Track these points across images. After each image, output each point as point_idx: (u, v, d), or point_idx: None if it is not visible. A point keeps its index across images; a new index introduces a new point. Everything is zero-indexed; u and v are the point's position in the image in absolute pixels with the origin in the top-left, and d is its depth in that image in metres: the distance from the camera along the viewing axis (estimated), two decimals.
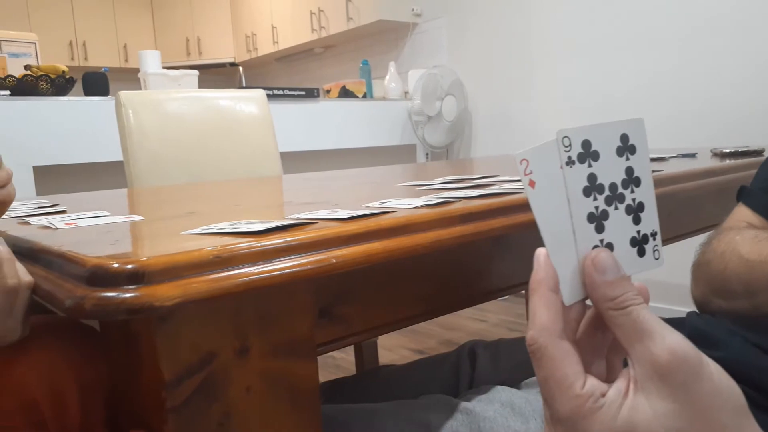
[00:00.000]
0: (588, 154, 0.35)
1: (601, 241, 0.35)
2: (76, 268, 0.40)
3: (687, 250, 0.78)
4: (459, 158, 3.33)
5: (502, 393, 0.60)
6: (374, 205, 0.60)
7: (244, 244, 0.42)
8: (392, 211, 0.54)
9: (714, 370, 0.30)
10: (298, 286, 0.47)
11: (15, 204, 0.88)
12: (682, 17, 2.34)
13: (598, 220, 0.35)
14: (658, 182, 0.78)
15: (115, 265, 0.38)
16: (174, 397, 0.41)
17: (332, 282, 0.51)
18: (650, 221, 0.38)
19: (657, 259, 0.38)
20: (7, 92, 2.14)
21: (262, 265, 0.42)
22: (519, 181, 0.78)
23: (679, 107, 2.37)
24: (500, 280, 0.65)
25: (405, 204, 0.59)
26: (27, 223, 0.65)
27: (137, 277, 0.38)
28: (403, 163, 3.22)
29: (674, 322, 0.34)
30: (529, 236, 0.63)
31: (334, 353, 2.24)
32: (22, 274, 0.44)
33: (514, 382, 0.64)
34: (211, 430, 0.43)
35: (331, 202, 0.68)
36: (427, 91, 3.05)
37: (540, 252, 0.34)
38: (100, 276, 0.38)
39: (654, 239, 0.38)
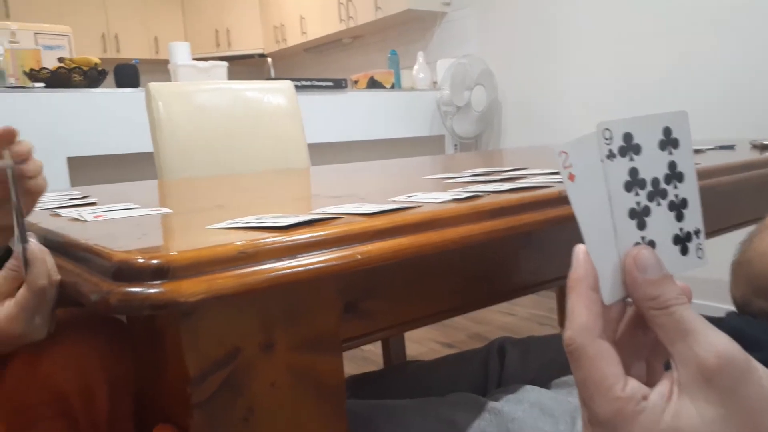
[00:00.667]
0: (629, 147, 0.34)
1: (643, 238, 0.34)
2: (103, 262, 0.40)
3: (725, 245, 0.75)
4: (488, 149, 3.29)
5: (531, 393, 0.58)
6: (401, 199, 0.59)
7: (269, 239, 0.42)
8: (419, 206, 0.54)
9: (763, 374, 0.29)
10: (323, 282, 0.46)
11: (48, 195, 0.90)
12: (719, 0, 2.27)
13: (639, 216, 0.34)
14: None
15: (141, 261, 0.38)
16: (199, 393, 0.41)
17: (358, 277, 0.50)
18: (694, 218, 0.36)
19: (701, 258, 0.37)
20: (42, 84, 2.18)
21: (287, 260, 0.42)
22: (550, 173, 0.77)
23: (716, 96, 2.30)
24: (530, 277, 0.64)
25: (432, 198, 0.58)
26: (58, 215, 0.66)
27: (162, 272, 0.38)
28: (431, 155, 3.20)
29: (712, 322, 0.32)
30: (561, 231, 0.62)
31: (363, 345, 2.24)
32: (52, 272, 0.44)
33: (544, 381, 0.63)
34: (236, 425, 0.43)
35: (357, 196, 0.67)
36: (456, 81, 3.02)
37: (579, 248, 0.33)
38: (126, 271, 0.38)
39: (698, 237, 0.36)
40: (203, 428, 0.42)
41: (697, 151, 1.07)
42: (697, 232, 0.36)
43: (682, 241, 0.36)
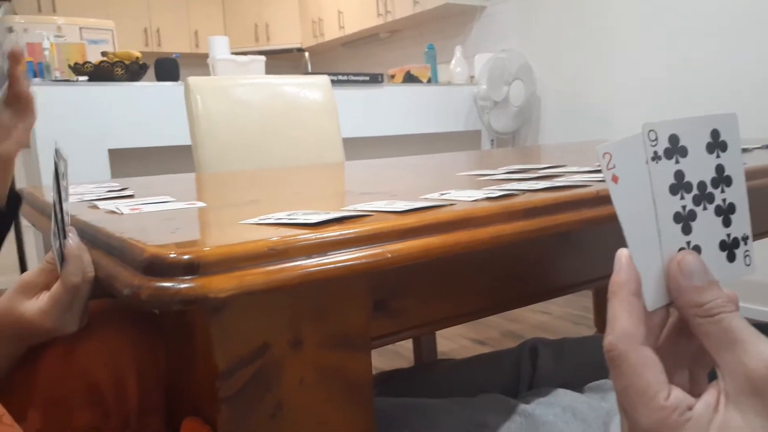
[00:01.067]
0: (675, 149, 0.33)
1: (688, 243, 0.33)
2: (135, 256, 0.40)
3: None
4: (526, 145, 3.25)
5: (563, 396, 0.57)
6: (433, 197, 0.58)
7: (300, 236, 0.42)
8: (451, 204, 0.53)
9: None
10: (352, 280, 0.46)
11: (88, 186, 0.92)
12: None
13: (685, 220, 0.33)
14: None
15: (172, 255, 0.38)
16: (227, 387, 0.41)
17: (389, 275, 0.50)
18: (742, 224, 0.35)
19: (748, 265, 0.35)
20: (86, 78, 2.24)
21: (317, 257, 0.42)
22: (588, 172, 0.75)
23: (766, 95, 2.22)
24: (565, 278, 0.62)
25: (465, 196, 0.57)
26: (96, 207, 0.67)
27: (193, 267, 0.38)
28: (466, 150, 3.17)
29: (760, 327, 0.31)
30: (599, 232, 0.60)
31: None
32: (87, 269, 0.45)
33: (577, 384, 0.62)
34: (264, 420, 0.43)
35: (389, 193, 0.67)
36: (494, 75, 2.99)
37: (622, 252, 0.32)
38: (157, 266, 0.38)
39: (745, 243, 0.35)
40: (230, 423, 0.42)
41: (743, 150, 1.03)
42: (745, 239, 0.35)
43: (729, 247, 0.34)
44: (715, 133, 0.34)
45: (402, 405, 0.59)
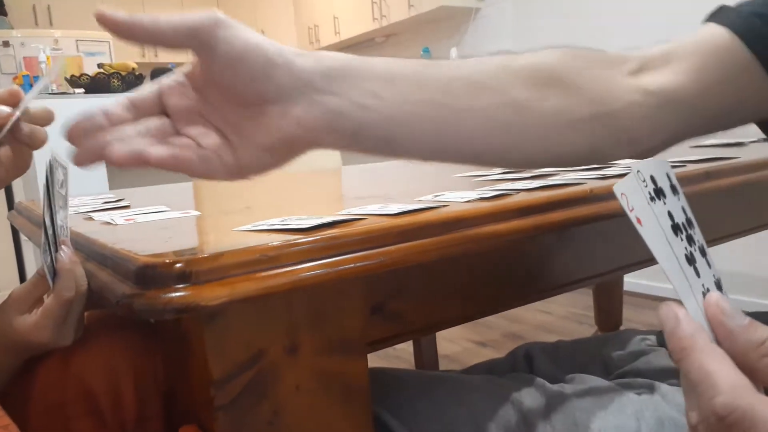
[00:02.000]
0: (658, 190, 0.31)
1: (703, 285, 0.30)
2: (127, 265, 0.40)
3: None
4: None
5: (597, 383, 0.56)
6: (427, 199, 0.58)
7: (292, 241, 0.42)
8: (444, 206, 0.53)
9: None
10: (347, 284, 0.46)
11: (84, 199, 0.92)
12: None
13: (692, 263, 0.31)
14: (733, 170, 0.73)
15: (164, 265, 0.38)
16: (223, 395, 0.41)
17: (384, 278, 0.50)
18: (714, 266, 0.33)
19: None
20: (82, 90, 2.24)
21: (310, 262, 0.41)
22: (583, 170, 0.75)
23: None
24: (563, 276, 0.62)
25: (459, 197, 0.57)
26: (91, 218, 0.67)
27: (185, 276, 0.38)
28: None
29: (762, 317, 0.29)
30: (594, 229, 0.60)
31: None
32: (80, 282, 0.45)
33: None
34: (261, 428, 0.43)
35: (384, 196, 0.67)
36: None
37: (669, 305, 0.29)
38: (149, 275, 0.38)
39: (722, 286, 0.33)
40: (227, 431, 0.42)
41: (738, 144, 1.03)
42: (719, 281, 0.33)
43: (719, 289, 0.32)
44: (669, 176, 0.32)
45: (428, 377, 0.59)
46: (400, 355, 2.17)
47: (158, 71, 2.54)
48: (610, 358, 0.66)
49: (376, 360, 0.54)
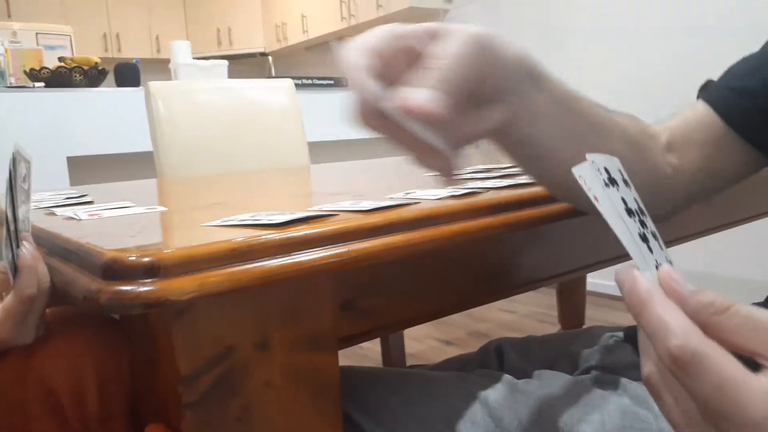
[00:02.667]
0: (611, 179, 0.34)
1: (656, 261, 0.33)
2: (93, 260, 0.39)
3: (732, 240, 0.75)
4: (488, 147, 3.28)
5: (562, 379, 0.57)
6: (398, 196, 0.58)
7: (263, 236, 0.41)
8: (416, 203, 0.53)
9: None
10: (318, 279, 0.46)
11: (45, 194, 0.89)
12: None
13: (646, 240, 0.33)
14: None
15: (132, 258, 0.37)
16: (191, 392, 0.41)
17: (355, 275, 0.50)
18: (666, 250, 0.35)
19: None
20: (42, 84, 2.18)
21: (281, 258, 0.41)
22: None
23: None
24: (532, 273, 0.63)
25: (430, 195, 0.57)
26: (53, 214, 0.65)
27: (153, 270, 0.37)
28: None
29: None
30: (562, 227, 0.61)
31: (361, 343, 2.24)
32: (42, 279, 0.44)
33: None
34: (230, 425, 0.43)
35: (355, 193, 0.67)
36: None
37: (624, 268, 0.31)
38: (116, 269, 0.37)
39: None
40: (195, 428, 0.41)
41: None
42: (671, 263, 0.35)
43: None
44: (620, 169, 0.35)
45: (399, 375, 0.59)
46: (367, 354, 2.17)
47: (122, 66, 2.49)
48: (578, 354, 0.68)
49: (343, 359, 0.54)
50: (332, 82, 2.78)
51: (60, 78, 2.21)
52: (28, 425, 0.46)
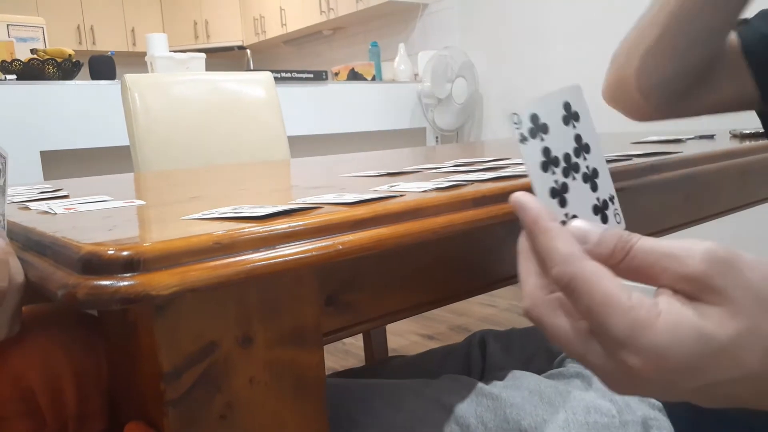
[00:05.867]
0: (538, 127, 0.35)
1: (566, 215, 0.35)
2: (70, 255, 0.38)
3: (706, 235, 0.75)
4: (469, 141, 3.29)
5: (528, 379, 0.58)
6: (382, 189, 0.58)
7: (246, 229, 0.40)
8: (401, 195, 0.52)
9: (748, 261, 0.29)
10: (302, 273, 0.45)
11: (18, 189, 0.87)
12: None
13: (560, 194, 0.35)
14: (677, 164, 0.75)
15: (110, 252, 0.36)
16: (173, 389, 0.40)
17: (339, 268, 0.49)
18: (606, 186, 0.37)
19: (619, 222, 0.38)
20: (14, 76, 2.13)
21: (264, 251, 0.40)
22: None
23: None
24: (515, 266, 0.63)
25: (414, 188, 0.57)
26: (27, 208, 0.63)
27: (133, 264, 0.36)
28: (412, 147, 3.19)
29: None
30: None
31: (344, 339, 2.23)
32: (15, 274, 0.42)
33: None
34: (213, 422, 0.42)
35: (338, 186, 0.66)
36: (437, 73, 3.01)
37: (517, 194, 0.34)
38: (94, 263, 0.36)
39: (613, 203, 0.38)
40: (178, 426, 0.40)
41: (677, 141, 1.07)
42: (611, 199, 0.38)
43: (600, 210, 0.37)
44: (567, 106, 0.36)
45: (368, 386, 0.58)
46: (349, 350, 2.16)
47: (97, 59, 2.44)
48: (554, 347, 0.68)
49: (325, 355, 0.53)
50: (312, 75, 2.76)
51: (33, 70, 2.16)
52: (2, 427, 0.44)
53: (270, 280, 0.43)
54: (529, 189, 0.56)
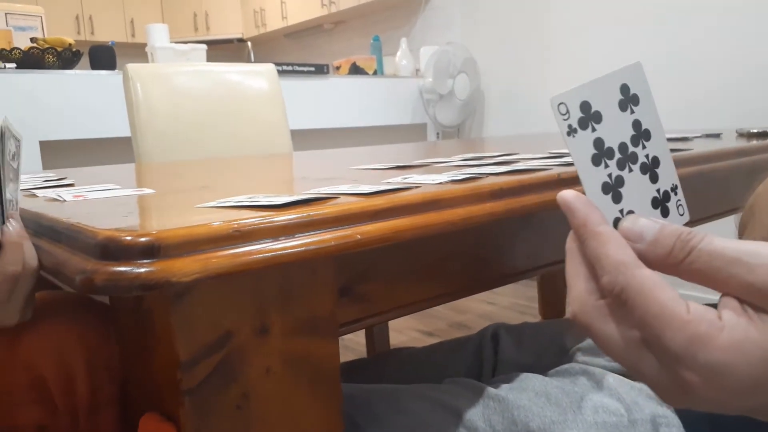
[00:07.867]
0: (589, 116, 0.31)
1: (621, 211, 0.32)
2: (87, 240, 0.37)
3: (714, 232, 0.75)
4: (470, 138, 3.28)
5: (534, 381, 0.57)
6: (396, 181, 0.57)
7: (266, 218, 0.40)
8: (416, 186, 0.52)
9: None
10: (319, 263, 0.44)
11: (22, 177, 0.86)
12: None
13: (613, 189, 0.32)
14: (688, 161, 0.75)
15: (129, 238, 0.35)
16: (190, 379, 0.39)
17: (353, 259, 0.48)
18: (668, 175, 0.34)
19: (682, 215, 0.35)
20: (13, 65, 2.11)
21: (284, 240, 0.40)
22: (543, 158, 0.75)
23: (701, 87, 2.31)
24: (529, 261, 0.62)
25: (429, 180, 0.56)
26: (34, 195, 0.63)
27: (153, 250, 0.35)
28: (413, 142, 3.18)
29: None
30: (558, 215, 0.60)
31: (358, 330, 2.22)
32: (29, 258, 0.41)
33: (539, 369, 0.62)
34: (229, 412, 0.41)
35: (348, 178, 0.65)
36: (439, 68, 3.00)
37: (566, 194, 0.31)
38: (113, 249, 0.35)
39: (675, 194, 0.34)
40: (194, 416, 0.39)
41: (684, 139, 1.07)
42: (674, 189, 0.34)
43: (660, 202, 0.34)
44: (624, 89, 0.32)
45: (371, 390, 0.58)
46: (347, 345, 2.16)
47: (97, 48, 2.43)
48: (567, 342, 0.68)
49: None
50: (313, 69, 2.75)
51: (32, 59, 2.14)
52: (12, 413, 0.44)
53: (288, 270, 0.43)
54: (547, 183, 0.56)
